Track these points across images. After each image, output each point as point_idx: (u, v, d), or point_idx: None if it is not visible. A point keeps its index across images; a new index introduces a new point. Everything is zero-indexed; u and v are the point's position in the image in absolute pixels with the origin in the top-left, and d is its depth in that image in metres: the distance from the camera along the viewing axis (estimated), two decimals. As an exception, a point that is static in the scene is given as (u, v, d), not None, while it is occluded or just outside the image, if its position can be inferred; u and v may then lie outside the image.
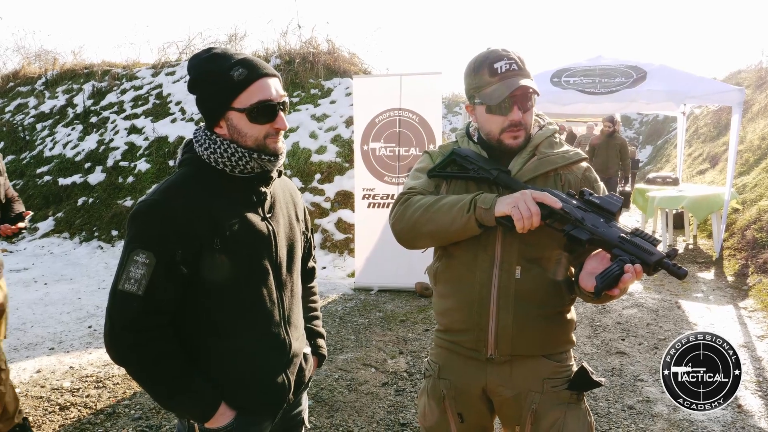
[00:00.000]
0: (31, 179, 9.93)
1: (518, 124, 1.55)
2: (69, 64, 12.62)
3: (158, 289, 1.34)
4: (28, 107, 11.72)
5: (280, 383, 1.53)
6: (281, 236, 1.54)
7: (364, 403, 3.51)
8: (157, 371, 1.36)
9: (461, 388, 1.68)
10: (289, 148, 8.51)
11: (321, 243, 7.33)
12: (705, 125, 13.12)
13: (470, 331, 1.62)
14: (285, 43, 10.80)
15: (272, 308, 1.50)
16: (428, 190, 1.67)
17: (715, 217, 7.40)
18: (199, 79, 1.43)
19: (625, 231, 1.42)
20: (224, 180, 1.45)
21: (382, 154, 6.10)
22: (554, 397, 1.61)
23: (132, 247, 1.35)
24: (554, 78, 7.34)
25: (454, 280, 1.64)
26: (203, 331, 1.44)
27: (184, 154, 1.50)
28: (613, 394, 3.63)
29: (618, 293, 1.39)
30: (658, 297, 5.74)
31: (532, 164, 1.59)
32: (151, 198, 1.39)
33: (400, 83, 6.00)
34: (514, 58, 1.54)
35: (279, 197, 1.59)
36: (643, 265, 1.36)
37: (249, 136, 1.42)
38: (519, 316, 1.57)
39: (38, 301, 5.92)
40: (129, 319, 1.33)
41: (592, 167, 1.69)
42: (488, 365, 1.63)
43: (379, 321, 5.10)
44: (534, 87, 1.54)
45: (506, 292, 1.56)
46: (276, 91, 1.43)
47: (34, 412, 3.46)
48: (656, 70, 6.98)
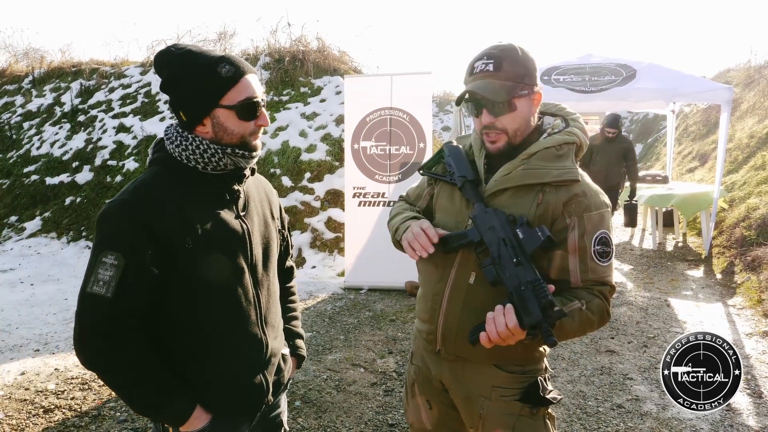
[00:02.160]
0: (17, 179, 9.81)
1: (489, 127, 1.50)
2: (57, 63, 12.48)
3: (128, 291, 1.30)
4: (15, 106, 11.57)
5: (257, 384, 1.51)
6: (256, 234, 1.52)
7: (353, 403, 3.48)
8: (129, 376, 1.33)
9: (426, 376, 1.72)
10: (279, 147, 8.46)
11: (311, 242, 7.29)
12: (694, 123, 13.18)
13: (427, 322, 1.65)
14: (275, 41, 10.73)
15: (248, 308, 1.47)
16: (414, 195, 1.77)
17: (704, 215, 7.43)
18: (178, 75, 1.38)
19: (525, 279, 1.37)
20: (196, 178, 1.43)
21: (372, 153, 6.08)
22: (503, 407, 1.57)
23: (100, 248, 1.31)
24: (544, 76, 7.33)
25: (424, 271, 1.68)
26: (177, 333, 1.41)
27: (155, 153, 1.47)
28: (602, 392, 3.62)
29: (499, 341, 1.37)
30: (648, 295, 5.75)
31: (517, 173, 1.51)
32: (120, 197, 1.35)
33: (390, 83, 5.98)
34: (494, 59, 1.46)
35: (253, 195, 1.57)
36: (519, 322, 1.34)
37: (235, 134, 1.40)
38: (464, 320, 1.54)
39: (24, 302, 5.84)
40: (98, 322, 1.30)
41: (589, 176, 1.57)
42: (442, 359, 1.65)
43: (369, 320, 5.07)
44: (484, 93, 1.45)
45: (457, 294, 1.56)
46: (258, 89, 1.42)
47: (17, 416, 3.40)
48: (646, 69, 6.99)
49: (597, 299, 1.47)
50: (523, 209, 1.49)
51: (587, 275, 1.47)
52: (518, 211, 1.48)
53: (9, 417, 3.39)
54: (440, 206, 1.66)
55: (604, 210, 1.50)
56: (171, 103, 1.42)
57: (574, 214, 1.47)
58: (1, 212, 9.28)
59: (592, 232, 1.47)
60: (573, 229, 1.47)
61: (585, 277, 1.48)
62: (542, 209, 1.48)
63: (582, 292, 1.47)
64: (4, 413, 3.44)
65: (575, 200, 1.47)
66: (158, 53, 1.41)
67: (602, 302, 1.48)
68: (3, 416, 3.40)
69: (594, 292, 1.48)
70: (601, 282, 1.49)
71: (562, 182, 1.49)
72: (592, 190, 1.52)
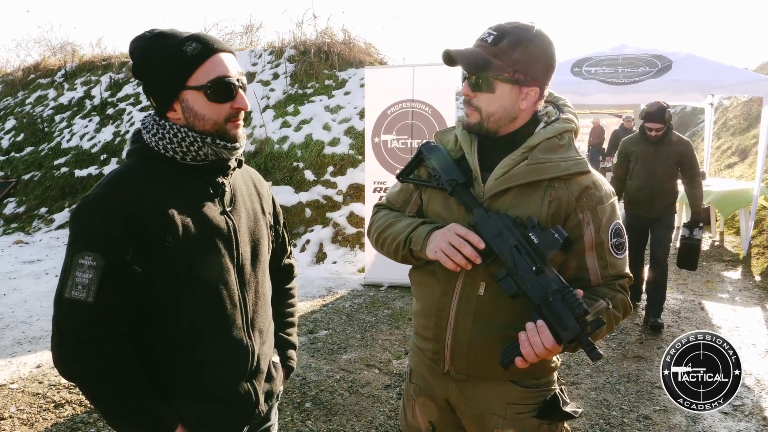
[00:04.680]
0: (48, 170, 9.99)
1: (466, 100, 1.41)
2: (88, 56, 12.69)
3: (110, 294, 1.20)
4: (47, 99, 11.80)
5: (244, 394, 1.40)
6: (243, 231, 1.40)
7: (365, 406, 3.37)
8: (109, 388, 1.23)
9: (428, 395, 1.56)
10: (302, 140, 8.39)
11: (332, 237, 7.20)
12: (734, 117, 12.63)
13: (431, 340, 1.49)
14: (300, 33, 10.66)
15: (234, 311, 1.36)
16: (400, 200, 1.59)
17: (743, 213, 7.09)
18: (145, 59, 1.28)
19: (551, 287, 1.25)
20: (176, 170, 1.32)
21: (393, 147, 5.93)
22: (519, 424, 1.44)
23: (76, 248, 1.20)
24: (575, 68, 7.08)
25: (422, 283, 1.51)
26: (157, 339, 1.30)
27: (133, 144, 1.36)
28: (628, 402, 3.43)
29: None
30: (681, 297, 5.49)
31: (521, 169, 1.37)
32: (94, 192, 1.24)
33: (413, 74, 5.81)
34: (497, 32, 1.34)
35: (240, 189, 1.45)
36: (555, 339, 1.23)
37: (207, 119, 1.28)
38: (476, 335, 1.40)
39: (48, 294, 5.90)
40: (79, 330, 1.19)
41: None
42: (449, 379, 1.50)
43: (387, 319, 4.95)
44: (458, 57, 1.35)
45: (466, 307, 1.40)
46: (233, 68, 1.30)
47: (28, 410, 3.39)
48: (682, 59, 6.67)
49: (619, 294, 1.40)
50: (533, 209, 1.35)
51: (607, 271, 1.39)
52: (527, 211, 1.35)
53: (20, 411, 3.38)
54: (434, 213, 1.49)
55: (614, 199, 1.43)
56: (144, 89, 1.33)
57: (587, 209, 1.37)
58: (32, 204, 9.46)
59: (607, 225, 1.38)
60: (588, 225, 1.37)
61: (605, 273, 1.39)
62: (555, 206, 1.35)
63: (603, 289, 1.39)
64: (17, 407, 3.43)
65: (587, 193, 1.37)
66: (133, 38, 1.31)
67: (624, 296, 1.41)
68: (15, 410, 3.40)
69: (615, 287, 1.40)
70: (620, 275, 1.42)
71: (570, 175, 1.36)
72: (600, 179, 1.42)
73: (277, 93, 9.42)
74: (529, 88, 1.36)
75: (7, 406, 3.43)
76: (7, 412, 3.36)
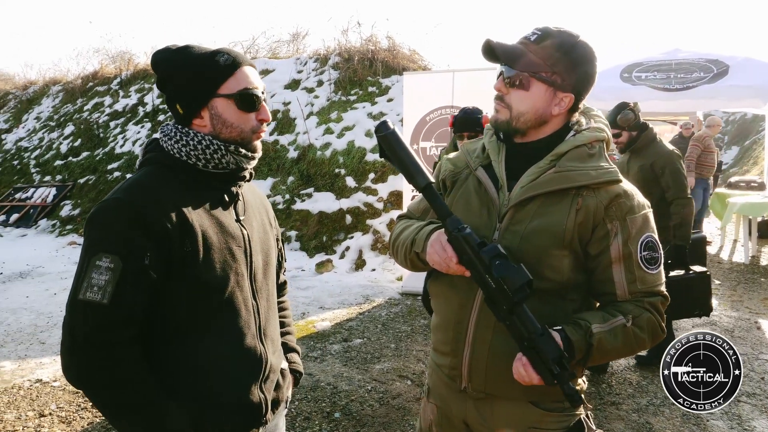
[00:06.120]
0: (102, 174, 10.39)
1: (498, 97, 1.37)
2: (142, 64, 13.16)
3: (126, 297, 1.18)
4: (103, 106, 12.30)
5: (256, 402, 1.38)
6: (256, 241, 1.42)
7: (394, 418, 3.30)
8: (123, 396, 1.21)
9: (446, 415, 1.49)
10: (344, 147, 8.42)
11: (372, 244, 7.18)
12: (800, 124, 11.96)
13: (448, 355, 1.42)
14: (345, 40, 10.75)
15: (248, 318, 1.36)
16: (420, 209, 1.56)
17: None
18: (176, 68, 1.32)
19: (523, 334, 1.21)
20: (194, 177, 1.33)
21: (432, 154, 5.86)
22: None
23: (93, 251, 1.20)
24: (624, 73, 6.85)
25: (439, 295, 1.46)
26: (171, 344, 1.29)
27: (147, 153, 1.37)
28: (672, 426, 3.24)
29: None
30: (735, 315, 5.18)
31: (548, 177, 1.31)
32: (112, 197, 1.25)
33: (452, 79, 5.74)
34: (542, 32, 1.32)
35: (250, 201, 1.48)
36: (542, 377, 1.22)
37: (235, 126, 1.33)
38: (497, 350, 1.33)
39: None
40: (92, 332, 1.18)
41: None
42: (467, 397, 1.42)
43: (423, 329, 4.87)
44: (498, 48, 1.33)
45: (486, 320, 1.33)
46: (258, 82, 1.36)
47: (67, 408, 3.49)
48: (740, 64, 6.36)
49: (647, 313, 1.30)
50: (559, 217, 1.29)
51: (635, 286, 1.30)
52: (552, 220, 1.29)
53: (60, 409, 3.48)
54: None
55: (647, 210, 1.35)
56: (167, 98, 1.36)
57: (615, 219, 1.30)
58: (87, 206, 9.85)
59: (637, 236, 1.30)
60: (616, 236, 1.30)
61: (633, 289, 1.31)
62: (582, 215, 1.29)
63: (628, 306, 1.30)
64: (57, 405, 3.54)
65: (617, 202, 1.30)
66: (155, 51, 1.36)
67: (653, 316, 1.31)
68: (55, 407, 3.50)
69: (644, 305, 1.31)
70: (651, 293, 1.32)
71: (599, 184, 1.30)
72: (633, 189, 1.35)
73: (321, 100, 9.51)
74: (564, 94, 1.31)
75: (48, 404, 3.54)
76: (48, 409, 3.46)
